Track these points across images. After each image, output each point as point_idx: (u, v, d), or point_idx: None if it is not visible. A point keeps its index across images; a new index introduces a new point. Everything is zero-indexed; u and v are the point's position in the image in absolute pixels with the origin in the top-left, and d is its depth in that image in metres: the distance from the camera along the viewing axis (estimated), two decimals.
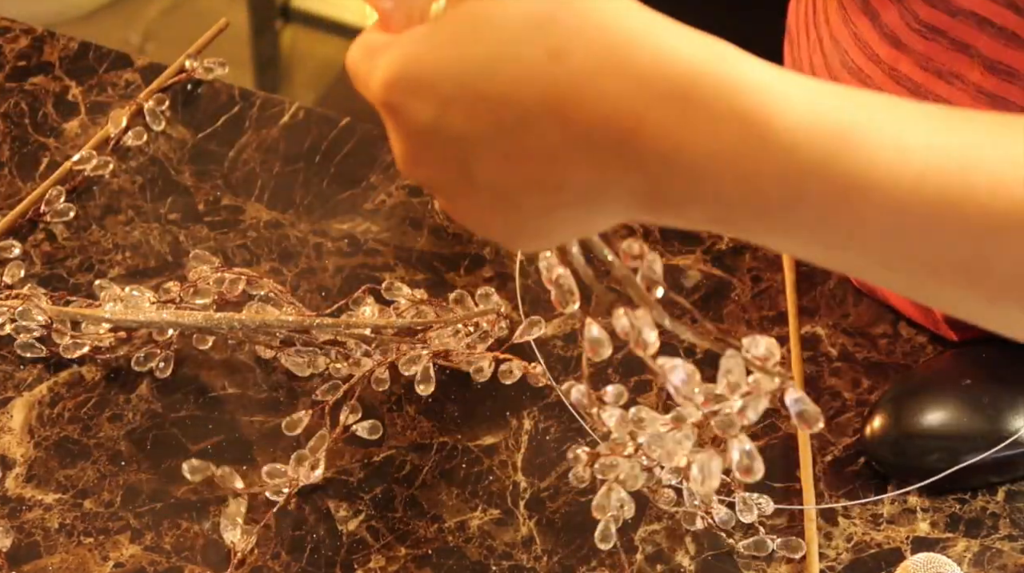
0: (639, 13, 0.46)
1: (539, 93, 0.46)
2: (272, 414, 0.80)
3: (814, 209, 0.45)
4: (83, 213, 0.88)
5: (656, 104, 0.45)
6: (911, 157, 0.45)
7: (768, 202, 0.45)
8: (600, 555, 0.76)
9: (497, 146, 0.48)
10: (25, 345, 0.82)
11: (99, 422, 0.80)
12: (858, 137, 0.45)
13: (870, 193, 0.45)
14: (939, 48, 0.75)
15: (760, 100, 0.45)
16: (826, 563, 0.76)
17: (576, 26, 0.46)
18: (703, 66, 0.45)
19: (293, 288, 0.85)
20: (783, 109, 0.45)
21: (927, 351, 0.84)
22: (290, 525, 0.77)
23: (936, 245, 0.46)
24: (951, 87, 0.76)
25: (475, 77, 0.47)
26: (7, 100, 0.94)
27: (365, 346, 0.80)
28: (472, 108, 0.47)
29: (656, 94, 0.45)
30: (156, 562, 0.75)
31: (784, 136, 0.45)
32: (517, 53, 0.46)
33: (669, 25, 0.46)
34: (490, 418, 0.80)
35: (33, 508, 0.77)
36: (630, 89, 0.45)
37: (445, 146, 0.49)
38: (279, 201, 0.89)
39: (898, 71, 0.78)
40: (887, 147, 0.45)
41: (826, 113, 0.45)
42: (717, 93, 0.45)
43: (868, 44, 0.79)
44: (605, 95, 0.46)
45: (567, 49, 0.46)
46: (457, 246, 0.87)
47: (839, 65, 0.81)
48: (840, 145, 0.45)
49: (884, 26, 0.77)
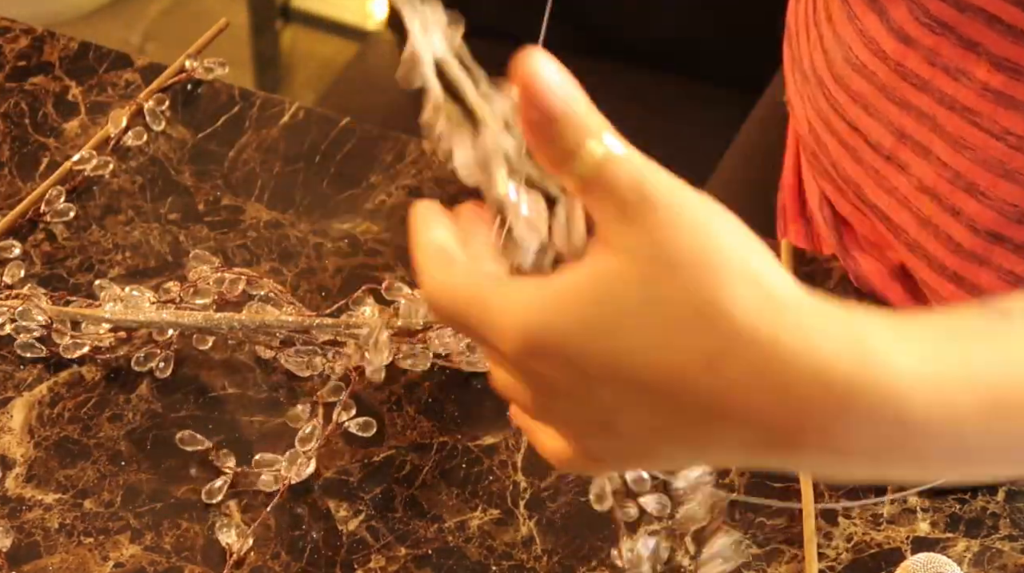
0: (787, 318, 0.47)
1: (693, 397, 0.47)
2: (272, 414, 0.80)
3: (943, 464, 0.50)
4: (83, 213, 0.88)
5: (813, 414, 0.47)
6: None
7: (897, 466, 0.49)
8: (600, 555, 0.76)
9: (644, 419, 0.49)
10: (25, 345, 0.82)
11: (99, 422, 0.80)
12: (987, 419, 0.48)
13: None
14: (947, 43, 0.75)
15: (910, 403, 0.47)
16: (826, 563, 0.76)
17: (729, 333, 0.46)
18: (859, 373, 0.46)
19: (293, 288, 0.85)
20: (929, 405, 0.47)
21: None
22: (290, 525, 0.77)
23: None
24: (957, 83, 0.75)
25: (626, 361, 0.48)
26: (7, 100, 0.94)
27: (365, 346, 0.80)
28: (622, 389, 0.48)
29: (814, 408, 0.47)
30: (156, 562, 0.75)
31: (929, 428, 0.47)
32: (671, 347, 0.47)
33: (816, 323, 0.47)
34: (490, 418, 0.80)
35: (33, 508, 0.77)
36: (788, 405, 0.47)
37: (584, 409, 0.50)
38: (279, 201, 0.89)
39: (904, 67, 0.77)
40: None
41: (965, 405, 0.48)
42: (873, 403, 0.46)
43: (874, 40, 0.79)
44: (762, 409, 0.47)
45: (722, 358, 0.46)
46: None
47: (842, 61, 0.81)
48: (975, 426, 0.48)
49: (892, 21, 0.77)
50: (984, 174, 0.77)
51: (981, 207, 0.77)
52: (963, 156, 0.77)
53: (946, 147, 0.77)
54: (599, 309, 0.47)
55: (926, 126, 0.78)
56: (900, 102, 0.79)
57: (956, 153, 0.77)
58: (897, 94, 0.79)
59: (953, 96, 0.76)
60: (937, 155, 0.78)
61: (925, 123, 0.78)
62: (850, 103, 0.81)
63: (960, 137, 0.76)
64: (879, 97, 0.80)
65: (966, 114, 0.76)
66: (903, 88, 0.78)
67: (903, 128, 0.79)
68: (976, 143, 0.76)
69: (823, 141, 0.85)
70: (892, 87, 0.79)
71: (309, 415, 0.79)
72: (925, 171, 0.79)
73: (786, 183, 0.97)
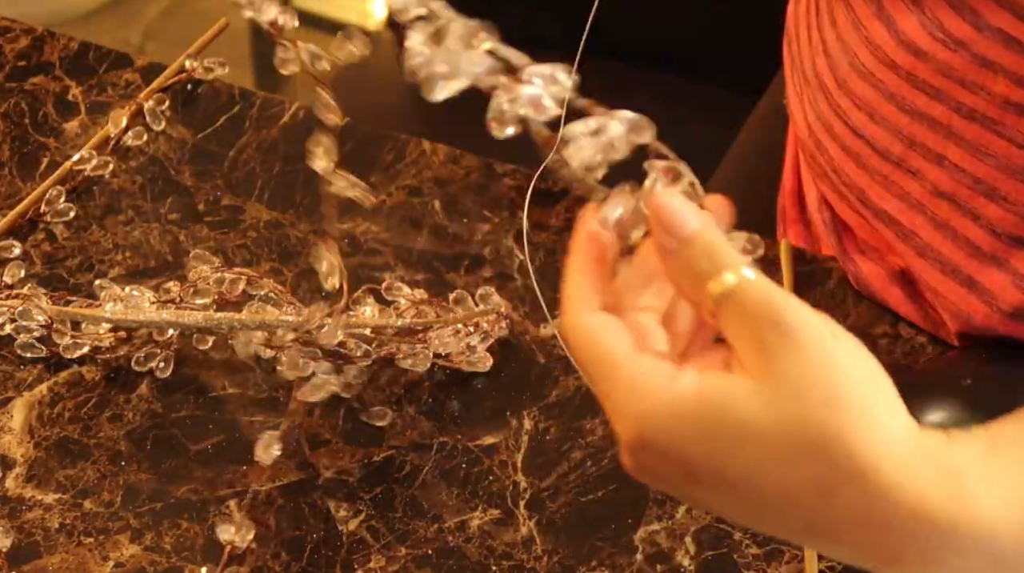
0: (898, 455, 0.50)
1: (799, 517, 0.52)
2: (272, 414, 0.80)
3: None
4: (83, 213, 0.88)
5: (913, 546, 0.51)
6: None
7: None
8: (600, 555, 0.76)
9: (745, 518, 0.54)
10: (25, 345, 0.82)
11: (99, 422, 0.80)
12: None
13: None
14: (963, 60, 0.74)
15: (1003, 541, 0.51)
16: (826, 563, 0.76)
17: (843, 467, 0.50)
18: (958, 513, 0.51)
19: (293, 288, 0.85)
20: (1018, 543, 0.52)
21: (927, 351, 0.84)
22: (290, 525, 0.77)
23: None
24: (975, 96, 0.75)
25: (739, 479, 0.51)
26: (7, 100, 0.94)
27: (365, 346, 0.80)
28: (727, 496, 0.52)
29: (915, 541, 0.51)
30: (156, 562, 0.75)
31: (1018, 560, 0.52)
32: (786, 473, 0.51)
33: (921, 461, 0.51)
34: (490, 418, 0.80)
35: (33, 508, 0.77)
36: (891, 537, 0.51)
37: (682, 494, 0.56)
38: (279, 201, 0.89)
39: (916, 77, 0.76)
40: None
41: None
42: (967, 544, 0.51)
43: (882, 48, 0.77)
44: (865, 538, 0.51)
45: (834, 490, 0.50)
46: (457, 246, 0.87)
47: (847, 67, 0.80)
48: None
49: (901, 33, 0.76)
50: (1007, 180, 0.76)
51: (1003, 211, 0.77)
52: (983, 163, 0.76)
53: (964, 154, 0.77)
54: (721, 427, 0.51)
55: (939, 133, 0.77)
56: (910, 110, 0.78)
57: (976, 160, 0.76)
58: (907, 102, 0.77)
59: (972, 106, 0.75)
60: (953, 162, 0.77)
61: (938, 131, 0.77)
62: (854, 109, 0.81)
63: (981, 144, 0.75)
64: (886, 104, 0.79)
65: (987, 123, 0.75)
66: (914, 96, 0.77)
67: (913, 135, 0.78)
68: (998, 151, 0.75)
69: (824, 145, 0.85)
70: (901, 95, 0.78)
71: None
72: (939, 177, 0.78)
73: (786, 186, 0.97)
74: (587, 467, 0.79)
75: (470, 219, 0.89)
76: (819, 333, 0.51)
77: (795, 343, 0.50)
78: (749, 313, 0.51)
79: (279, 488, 0.78)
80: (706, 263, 0.52)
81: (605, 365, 0.53)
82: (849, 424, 0.50)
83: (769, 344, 0.50)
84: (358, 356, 0.80)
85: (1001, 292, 0.79)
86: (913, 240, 0.81)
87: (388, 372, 0.81)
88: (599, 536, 0.76)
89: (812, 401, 0.50)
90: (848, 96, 0.81)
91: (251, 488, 0.77)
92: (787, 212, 0.96)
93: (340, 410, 0.80)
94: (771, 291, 0.51)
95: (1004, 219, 0.77)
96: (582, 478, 0.78)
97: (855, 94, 0.80)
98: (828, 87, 0.82)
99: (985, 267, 0.79)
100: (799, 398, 0.50)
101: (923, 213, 0.80)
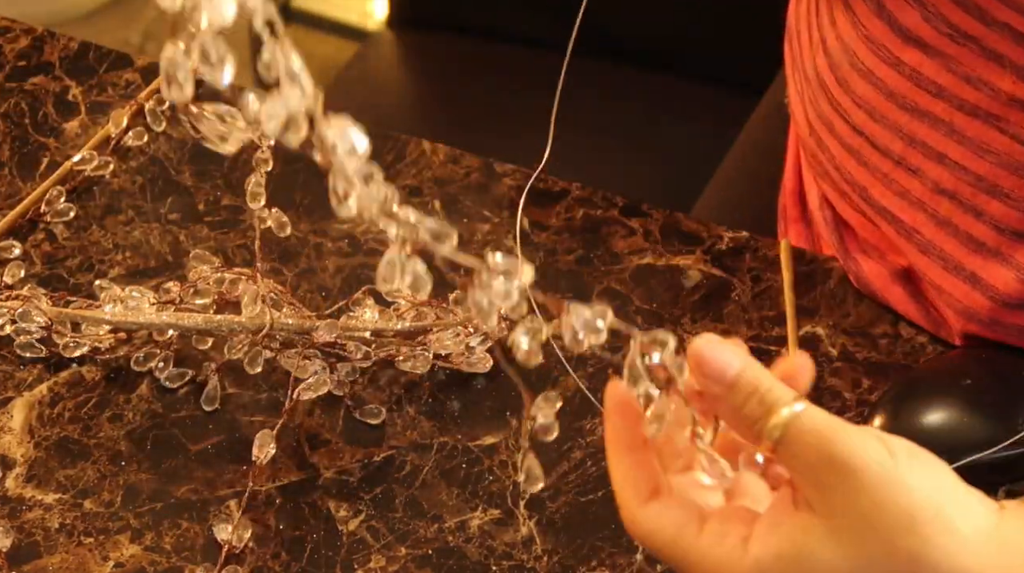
0: (979, 552, 0.51)
1: None
2: (272, 414, 0.80)
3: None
4: (83, 213, 0.88)
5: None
6: None
7: None
8: (600, 555, 0.76)
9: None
10: (25, 345, 0.82)
11: (99, 422, 0.80)
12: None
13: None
14: (970, 54, 0.74)
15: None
16: None
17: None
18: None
19: (293, 288, 0.85)
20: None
21: (927, 351, 0.84)
22: (290, 525, 0.77)
23: None
24: (979, 92, 0.75)
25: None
26: (7, 100, 0.94)
27: (365, 348, 0.80)
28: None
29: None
30: (156, 562, 0.75)
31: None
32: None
33: (998, 561, 0.51)
34: (490, 418, 0.81)
35: (33, 508, 0.77)
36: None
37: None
38: (279, 201, 0.89)
39: (920, 73, 0.76)
40: None
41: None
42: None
43: (884, 47, 0.78)
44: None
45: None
46: (457, 246, 0.87)
47: (848, 66, 0.80)
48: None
49: (905, 29, 0.76)
50: (1009, 176, 0.76)
51: (1006, 207, 0.77)
52: (985, 160, 0.76)
53: (965, 151, 0.77)
54: (798, 567, 0.51)
55: (940, 131, 0.77)
56: (911, 108, 0.78)
57: (977, 157, 0.76)
58: (908, 100, 0.78)
59: (975, 103, 0.75)
60: (954, 159, 0.77)
61: (939, 128, 0.77)
62: (854, 107, 0.81)
63: (983, 142, 0.76)
64: (886, 103, 0.79)
65: (990, 119, 0.75)
66: (915, 94, 0.77)
67: (914, 134, 0.78)
68: (1000, 147, 0.75)
69: (825, 143, 0.85)
70: (902, 93, 0.78)
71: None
72: (940, 174, 0.78)
73: (787, 185, 0.97)
74: (587, 467, 0.79)
75: (470, 219, 0.89)
76: (876, 457, 0.50)
77: (853, 475, 0.50)
78: (803, 452, 0.51)
79: (279, 488, 0.78)
80: (756, 406, 0.52)
81: (677, 553, 0.54)
82: (929, 542, 0.50)
83: (828, 482, 0.51)
84: (358, 358, 0.80)
85: (1005, 286, 0.79)
86: (915, 238, 0.81)
87: (388, 372, 0.81)
88: (599, 536, 0.76)
89: (887, 529, 0.50)
90: (848, 95, 0.81)
91: (251, 488, 0.77)
92: (788, 211, 0.96)
93: (340, 410, 0.80)
94: (822, 425, 0.51)
95: (1008, 215, 0.77)
96: (582, 478, 0.78)
97: (855, 93, 0.80)
98: (828, 86, 0.83)
99: (988, 262, 0.79)
100: (874, 529, 0.50)
101: (924, 210, 0.80)
